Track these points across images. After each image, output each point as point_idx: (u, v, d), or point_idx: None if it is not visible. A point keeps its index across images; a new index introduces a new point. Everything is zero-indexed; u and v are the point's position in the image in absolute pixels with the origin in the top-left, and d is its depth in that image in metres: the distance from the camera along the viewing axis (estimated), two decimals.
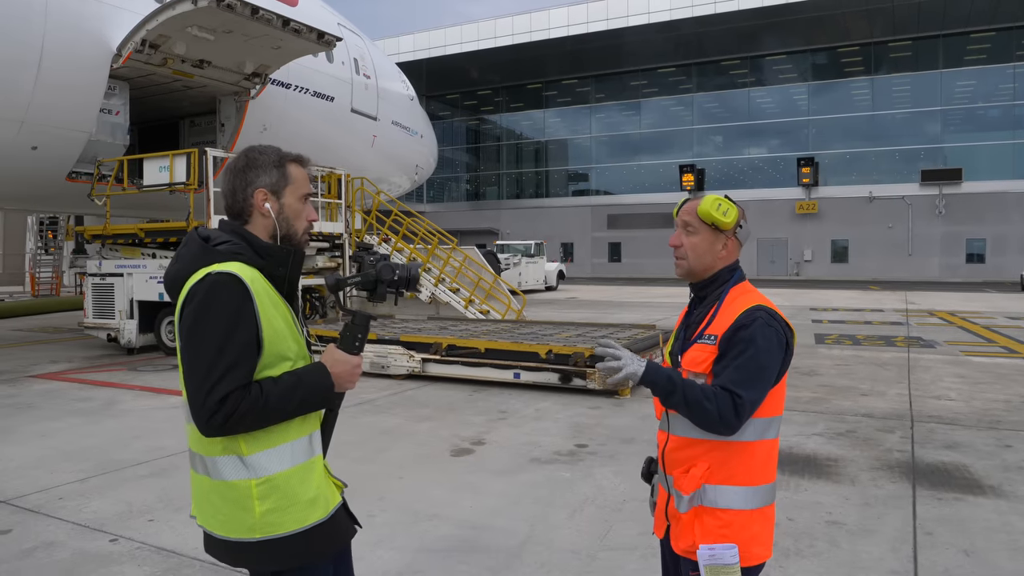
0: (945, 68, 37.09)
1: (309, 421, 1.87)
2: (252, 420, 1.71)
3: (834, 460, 5.43)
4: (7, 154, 10.36)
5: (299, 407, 1.78)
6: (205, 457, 1.81)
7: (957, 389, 8.15)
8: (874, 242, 37.46)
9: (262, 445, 1.77)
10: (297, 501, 1.80)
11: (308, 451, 1.85)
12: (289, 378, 1.77)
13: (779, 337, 1.96)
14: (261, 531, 1.78)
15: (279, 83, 13.31)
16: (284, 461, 1.79)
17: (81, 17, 10.35)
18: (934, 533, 4.01)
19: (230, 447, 1.78)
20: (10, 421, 6.81)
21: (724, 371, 1.92)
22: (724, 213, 2.02)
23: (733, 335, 1.94)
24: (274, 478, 1.78)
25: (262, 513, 1.77)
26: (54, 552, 3.77)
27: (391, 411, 7.19)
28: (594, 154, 45.92)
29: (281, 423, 1.78)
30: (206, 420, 1.68)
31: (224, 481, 1.79)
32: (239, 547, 1.82)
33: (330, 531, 1.87)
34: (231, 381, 1.69)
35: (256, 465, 1.77)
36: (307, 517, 1.81)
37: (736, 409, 1.87)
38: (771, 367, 1.94)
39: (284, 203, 1.92)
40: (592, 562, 3.65)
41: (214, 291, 1.73)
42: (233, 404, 1.67)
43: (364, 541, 3.88)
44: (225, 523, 1.81)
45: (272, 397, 1.72)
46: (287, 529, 1.79)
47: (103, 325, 11.29)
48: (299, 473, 1.82)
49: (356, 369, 1.91)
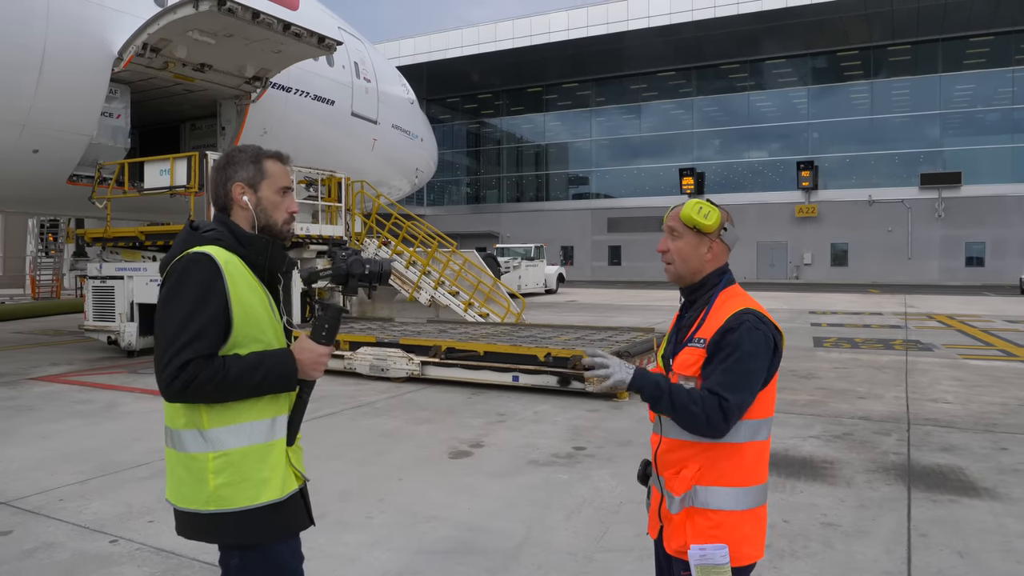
0: (944, 72, 37.21)
1: (276, 405, 1.96)
2: (211, 390, 1.81)
3: (830, 462, 5.46)
4: (9, 157, 10.40)
5: (260, 385, 1.87)
6: (172, 430, 1.94)
7: (954, 392, 8.18)
8: (874, 246, 37.53)
9: (222, 421, 1.88)
10: (249, 478, 1.89)
11: (268, 433, 1.94)
12: (253, 357, 1.88)
13: (767, 340, 1.99)
14: (214, 504, 1.88)
15: (280, 87, 13.36)
16: (242, 439, 1.89)
17: (83, 21, 10.40)
18: (928, 535, 4.04)
19: (192, 420, 1.89)
20: (11, 423, 6.84)
21: (712, 374, 1.95)
22: (705, 216, 2.05)
23: (721, 338, 1.97)
24: (230, 453, 1.88)
25: (216, 487, 1.87)
26: (54, 553, 3.80)
27: (390, 413, 7.21)
28: (594, 157, 46.01)
29: (246, 403, 1.88)
30: (167, 383, 1.80)
31: (186, 453, 1.90)
32: (194, 518, 1.92)
33: (281, 514, 1.95)
34: (193, 350, 1.80)
35: (214, 439, 1.88)
36: (258, 495, 1.90)
37: (723, 412, 1.90)
38: (758, 370, 1.97)
39: (261, 196, 2.05)
40: (589, 563, 3.68)
41: (188, 268, 1.87)
42: (193, 371, 1.78)
43: (362, 542, 3.92)
44: (186, 495, 1.92)
45: (232, 371, 1.82)
46: (237, 504, 1.88)
47: (103, 328, 11.32)
48: (255, 452, 1.91)
49: (322, 358, 1.99)
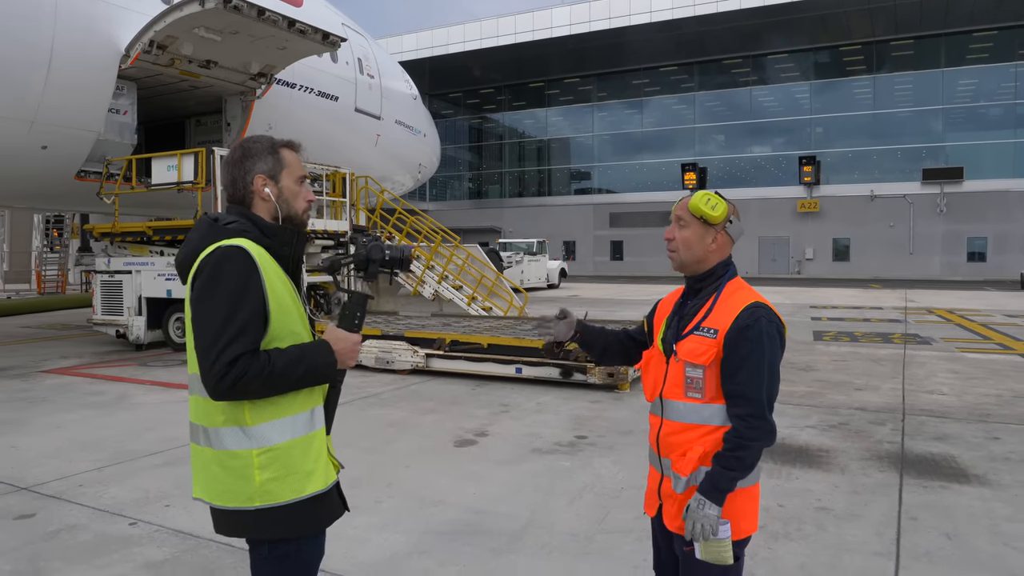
0: (947, 67, 37.21)
1: (313, 396, 1.98)
2: (259, 386, 1.80)
3: (826, 451, 5.60)
4: (18, 153, 10.54)
5: (303, 378, 1.88)
6: (208, 428, 1.91)
7: (950, 384, 8.31)
8: (875, 241, 37.60)
9: (266, 416, 1.88)
10: (296, 471, 1.90)
11: (309, 424, 1.95)
12: (294, 350, 1.88)
13: (779, 334, 2.11)
14: (260, 499, 1.88)
15: (284, 83, 13.50)
16: (286, 432, 1.90)
17: (90, 18, 10.53)
18: (918, 518, 4.18)
19: (233, 417, 1.88)
20: (25, 413, 7.00)
21: (736, 373, 2.03)
22: (712, 207, 2.13)
23: (738, 334, 2.04)
24: (275, 448, 1.88)
25: (262, 482, 1.87)
26: (78, 534, 3.96)
27: (397, 404, 7.36)
28: (596, 153, 46.09)
29: (286, 396, 1.89)
30: (216, 382, 1.78)
31: (226, 451, 1.88)
32: (237, 515, 1.91)
33: (323, 505, 1.99)
34: (240, 345, 1.79)
35: (259, 435, 1.87)
36: (304, 487, 1.91)
37: (764, 413, 2.01)
38: (777, 364, 2.08)
39: (282, 186, 2.04)
40: (590, 544, 3.83)
41: (223, 262, 1.84)
42: (243, 367, 1.77)
43: (372, 525, 4.07)
44: (224, 493, 1.90)
45: (278, 365, 1.81)
46: (284, 498, 1.89)
47: (112, 321, 11.48)
48: (300, 445, 1.92)
49: (356, 346, 2.00)
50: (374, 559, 3.65)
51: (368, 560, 3.63)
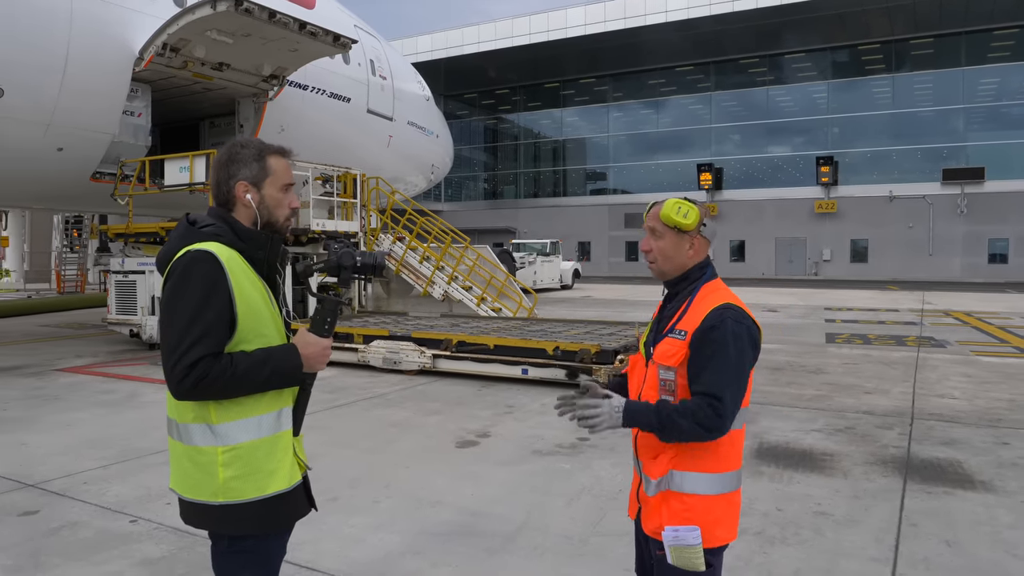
0: (968, 65, 36.72)
1: (281, 398, 2.01)
2: (220, 387, 1.85)
3: (829, 455, 5.55)
4: (34, 156, 10.71)
5: (268, 381, 1.92)
6: (179, 423, 1.97)
7: (962, 388, 8.21)
8: (894, 242, 37.19)
9: (231, 416, 1.92)
10: (259, 470, 1.95)
11: (275, 426, 1.99)
12: (260, 353, 1.92)
13: (750, 336, 2.08)
14: (224, 495, 1.93)
15: (296, 85, 13.60)
16: (250, 432, 1.94)
17: (104, 23, 10.68)
18: (919, 524, 4.14)
19: (201, 415, 1.93)
20: (37, 411, 7.10)
21: (700, 374, 2.02)
22: (684, 215, 2.12)
23: (704, 335, 2.03)
24: (239, 447, 1.93)
25: (225, 479, 1.92)
26: (78, 531, 4.01)
27: (401, 404, 7.40)
28: (612, 153, 45.98)
29: (252, 397, 1.93)
30: (176, 383, 1.83)
31: (194, 446, 1.95)
32: (202, 509, 1.97)
33: (286, 504, 2.02)
34: (202, 348, 1.83)
35: (223, 434, 1.93)
36: (267, 486, 1.96)
37: (717, 412, 1.97)
38: (745, 367, 2.06)
39: (264, 194, 2.05)
40: (583, 546, 3.82)
41: (191, 266, 1.89)
42: (203, 370, 1.82)
43: (368, 524, 4.10)
44: (193, 486, 1.96)
45: (240, 368, 1.86)
46: (247, 496, 1.94)
47: (126, 321, 11.61)
48: (264, 445, 1.96)
49: (325, 351, 2.03)
50: (368, 558, 3.67)
51: (362, 559, 3.65)
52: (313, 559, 3.61)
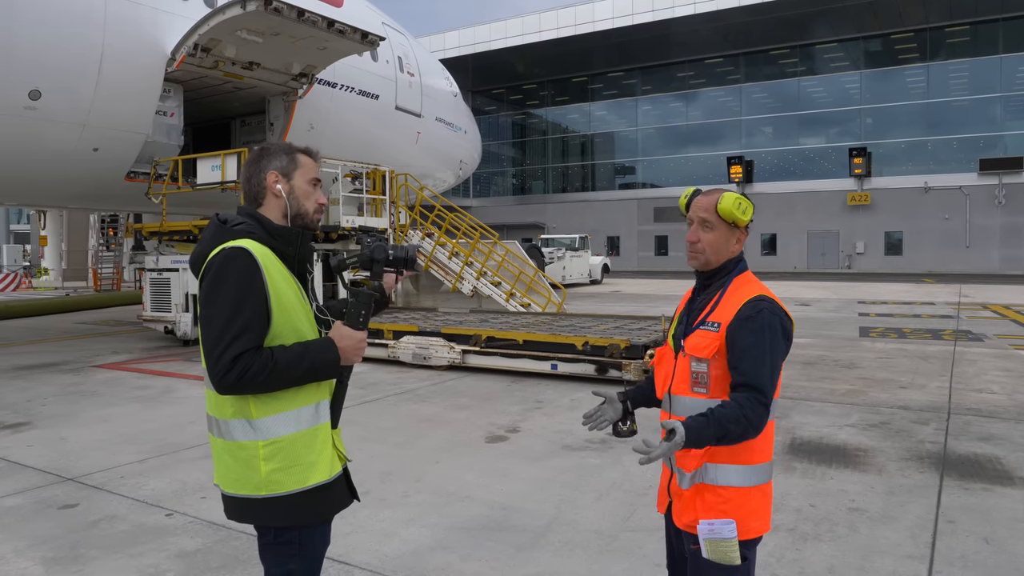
0: (1005, 53, 35.81)
1: (319, 391, 2.06)
2: (262, 381, 1.89)
3: (864, 450, 5.46)
4: (71, 156, 10.93)
5: (306, 374, 1.97)
6: (219, 420, 2.02)
7: (1000, 383, 8.03)
8: (930, 234, 36.45)
9: (270, 410, 1.97)
10: (299, 463, 2.00)
11: (314, 418, 2.04)
12: (298, 347, 1.97)
13: (783, 327, 2.07)
14: (266, 488, 1.98)
15: (325, 82, 13.70)
16: (290, 426, 1.99)
17: (137, 24, 10.85)
18: (956, 521, 4.06)
19: (240, 411, 1.98)
20: (75, 407, 7.26)
21: (739, 364, 2.01)
22: (744, 211, 2.12)
23: (739, 327, 2.03)
24: (279, 440, 1.98)
25: (267, 472, 1.97)
26: (116, 524, 4.10)
27: (431, 400, 7.43)
28: (640, 147, 45.68)
29: (290, 391, 1.98)
30: (220, 378, 1.88)
31: (235, 442, 2.00)
32: (246, 503, 2.01)
33: (328, 495, 2.07)
34: (243, 343, 1.88)
35: (263, 428, 1.97)
36: (308, 478, 2.00)
37: (763, 404, 1.97)
38: (780, 358, 2.05)
39: (294, 184, 2.11)
40: (613, 541, 3.81)
41: (227, 263, 1.93)
42: (245, 364, 1.86)
43: (398, 519, 4.13)
44: (235, 481, 2.01)
45: (281, 362, 1.90)
46: (289, 488, 1.98)
47: (160, 318, 11.81)
48: (303, 438, 2.01)
49: (361, 343, 2.07)
50: (398, 552, 3.70)
51: (392, 553, 3.68)
52: (345, 553, 3.64)
